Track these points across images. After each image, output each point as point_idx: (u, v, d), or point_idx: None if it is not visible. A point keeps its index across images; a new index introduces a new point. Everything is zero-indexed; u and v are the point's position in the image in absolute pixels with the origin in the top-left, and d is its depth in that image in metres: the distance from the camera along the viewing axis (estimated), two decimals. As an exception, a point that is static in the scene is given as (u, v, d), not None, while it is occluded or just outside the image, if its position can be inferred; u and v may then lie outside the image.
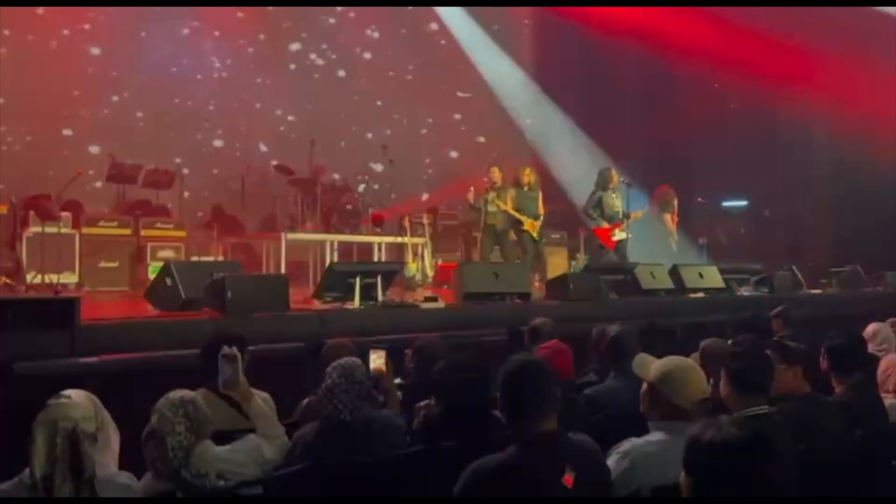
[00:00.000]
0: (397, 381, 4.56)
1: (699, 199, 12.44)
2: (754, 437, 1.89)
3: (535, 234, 10.15)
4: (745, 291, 9.47)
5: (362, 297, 6.76)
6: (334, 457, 3.27)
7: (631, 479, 2.83)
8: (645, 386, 3.11)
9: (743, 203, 14.91)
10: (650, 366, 3.11)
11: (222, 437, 3.30)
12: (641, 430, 3.19)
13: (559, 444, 2.70)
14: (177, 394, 3.17)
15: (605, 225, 10.17)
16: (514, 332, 5.92)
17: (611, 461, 2.91)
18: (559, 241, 13.39)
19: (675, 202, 11.70)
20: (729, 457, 1.88)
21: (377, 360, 3.93)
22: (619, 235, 10.15)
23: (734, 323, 5.91)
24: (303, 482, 3.17)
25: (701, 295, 9.01)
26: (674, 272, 9.13)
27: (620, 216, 10.20)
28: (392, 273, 7.60)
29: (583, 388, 4.55)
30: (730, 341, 4.26)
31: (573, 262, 12.64)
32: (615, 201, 10.25)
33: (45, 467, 2.66)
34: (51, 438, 2.68)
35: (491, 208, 10.21)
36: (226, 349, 3.49)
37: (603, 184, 10.26)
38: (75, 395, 2.88)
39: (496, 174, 10.30)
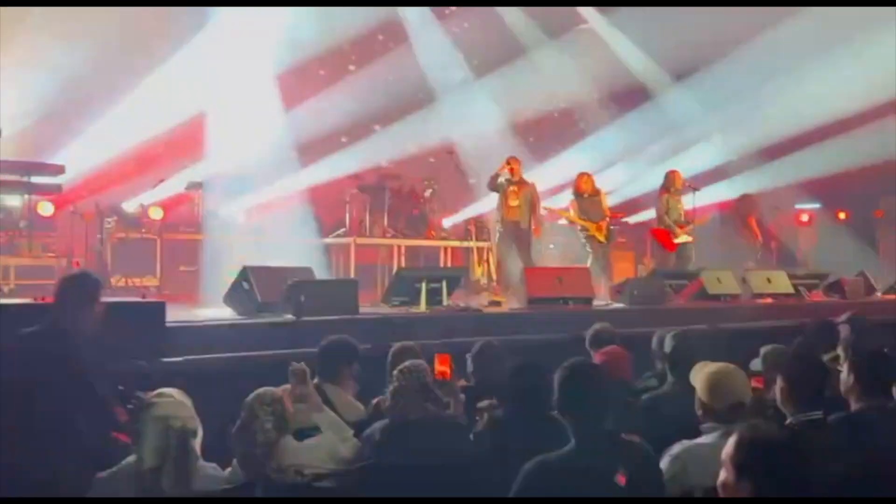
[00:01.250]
0: (461, 383, 4.75)
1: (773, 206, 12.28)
2: (792, 439, 2.01)
3: (601, 237, 10.18)
4: (814, 297, 9.35)
5: (428, 302, 6.97)
6: (400, 456, 3.47)
7: (683, 480, 2.96)
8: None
9: (816, 205, 14.63)
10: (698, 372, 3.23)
11: (301, 434, 3.56)
12: (697, 435, 3.31)
13: (612, 444, 2.84)
14: (266, 391, 3.42)
15: (676, 228, 10.14)
16: (576, 336, 6.03)
17: (663, 463, 3.04)
18: (626, 246, 13.38)
19: (757, 207, 11.63)
20: (767, 457, 2.00)
21: (441, 363, 4.12)
22: (681, 238, 10.12)
23: (800, 329, 5.91)
24: (370, 479, 3.39)
25: (769, 300, 8.94)
26: (741, 277, 9.08)
27: (683, 219, 10.17)
28: (457, 278, 7.80)
29: (642, 392, 4.66)
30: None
31: (640, 267, 12.62)
32: (678, 205, 10.24)
33: (155, 460, 2.92)
34: (162, 434, 2.95)
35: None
36: (294, 365, 3.75)
37: (667, 186, 10.25)
38: (177, 395, 3.16)
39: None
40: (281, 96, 11.40)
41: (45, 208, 9.52)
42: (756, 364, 4.89)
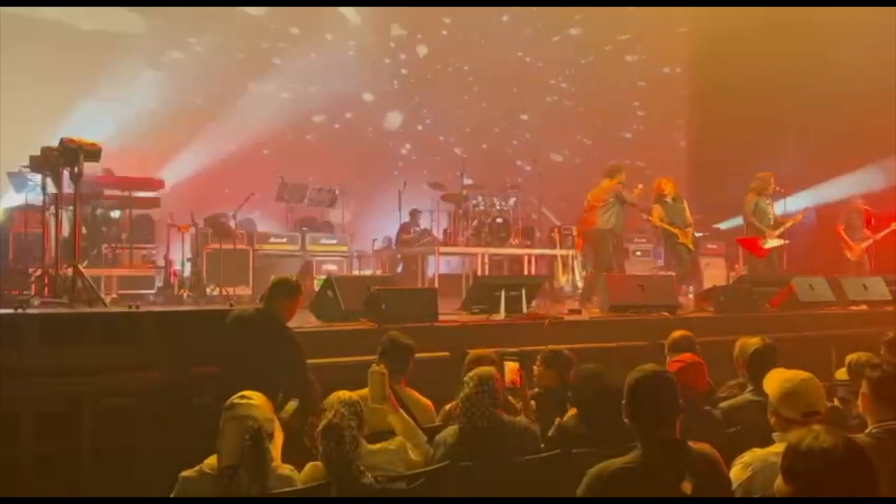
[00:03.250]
0: (535, 390, 4.78)
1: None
2: (847, 445, 1.97)
3: (689, 245, 9.99)
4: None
5: (507, 309, 7.00)
6: (472, 460, 3.53)
7: (751, 488, 2.91)
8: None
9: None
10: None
11: (376, 437, 3.67)
12: (770, 444, 3.25)
13: (679, 452, 2.82)
14: (345, 394, 3.52)
15: (766, 230, 9.84)
16: (656, 344, 5.96)
17: (733, 471, 3.00)
18: (717, 252, 13.06)
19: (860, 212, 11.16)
20: (824, 462, 1.97)
21: (512, 370, 4.16)
22: (771, 242, 9.80)
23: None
24: (442, 481, 3.46)
25: (864, 308, 8.58)
26: (835, 284, 8.76)
27: (773, 223, 9.87)
28: (536, 286, 7.79)
29: (722, 401, 4.57)
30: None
31: (731, 274, 12.29)
32: (769, 208, 9.94)
33: (232, 458, 3.07)
34: (238, 434, 3.09)
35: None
36: (374, 367, 3.85)
37: (758, 189, 9.97)
38: (257, 398, 3.30)
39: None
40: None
41: (146, 221, 9.99)
42: (843, 373, 4.75)
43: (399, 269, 12.01)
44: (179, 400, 4.75)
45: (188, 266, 9.90)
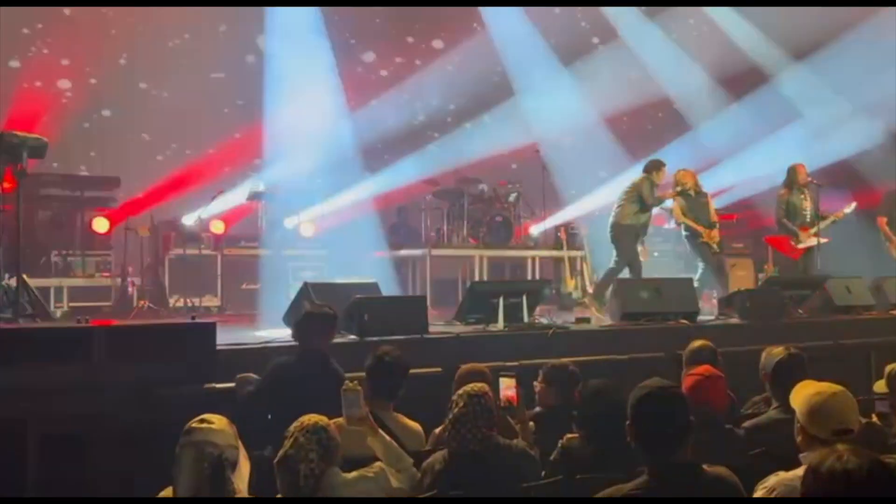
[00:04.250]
0: (536, 409, 4.78)
1: None
2: (874, 467, 1.98)
3: (714, 245, 10.00)
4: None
5: (506, 319, 7.01)
6: (462, 488, 3.53)
7: (775, 516, 2.91)
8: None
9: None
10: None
11: (352, 463, 3.66)
12: (797, 465, 3.25)
13: (691, 477, 2.83)
14: (311, 419, 3.52)
15: (798, 231, 9.85)
16: (673, 356, 5.97)
17: (756, 496, 3.00)
18: (744, 252, 13.08)
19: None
20: (848, 487, 1.97)
21: (508, 386, 4.16)
22: (806, 242, 9.81)
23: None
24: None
25: (908, 312, 8.62)
26: (875, 286, 8.78)
27: (808, 220, 9.88)
28: (539, 291, 7.81)
29: (746, 418, 4.59)
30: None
31: (760, 276, 12.30)
32: (803, 202, 9.95)
33: (189, 490, 3.06)
34: (197, 462, 3.08)
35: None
36: (347, 384, 3.85)
37: (789, 183, 9.98)
38: (218, 422, 3.29)
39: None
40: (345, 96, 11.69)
41: (100, 224, 9.97)
42: (881, 386, 4.76)
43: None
44: (134, 425, 4.75)
45: (149, 275, 9.89)
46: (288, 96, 11.30)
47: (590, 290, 10.89)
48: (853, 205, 10.41)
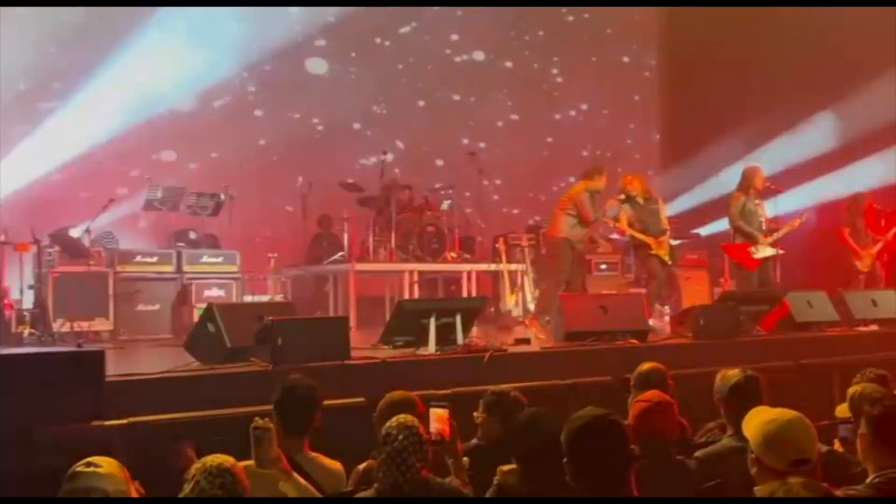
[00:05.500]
0: (473, 441, 4.81)
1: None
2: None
3: (665, 256, 10.18)
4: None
5: (438, 341, 7.03)
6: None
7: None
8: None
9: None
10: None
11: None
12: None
13: (636, 514, 2.88)
14: (215, 460, 3.48)
15: (758, 236, 10.07)
16: (621, 380, 6.05)
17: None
18: (699, 264, 13.32)
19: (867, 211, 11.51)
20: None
21: (439, 418, 4.17)
22: (762, 252, 10.05)
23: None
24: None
25: (874, 328, 8.88)
26: (839, 300, 9.04)
27: (764, 227, 10.13)
28: (475, 310, 7.83)
29: (699, 447, 4.68)
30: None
31: (717, 290, 12.57)
32: (758, 209, 10.20)
33: None
34: None
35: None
36: (257, 421, 3.82)
37: (745, 187, 10.21)
38: (107, 465, 3.24)
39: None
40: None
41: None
42: (843, 410, 4.90)
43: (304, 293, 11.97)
44: (10, 472, 4.62)
45: (29, 295, 9.66)
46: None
47: (532, 307, 10.99)
48: (804, 216, 10.74)
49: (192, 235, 11.41)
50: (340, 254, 11.77)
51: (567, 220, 9.83)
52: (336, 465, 4.55)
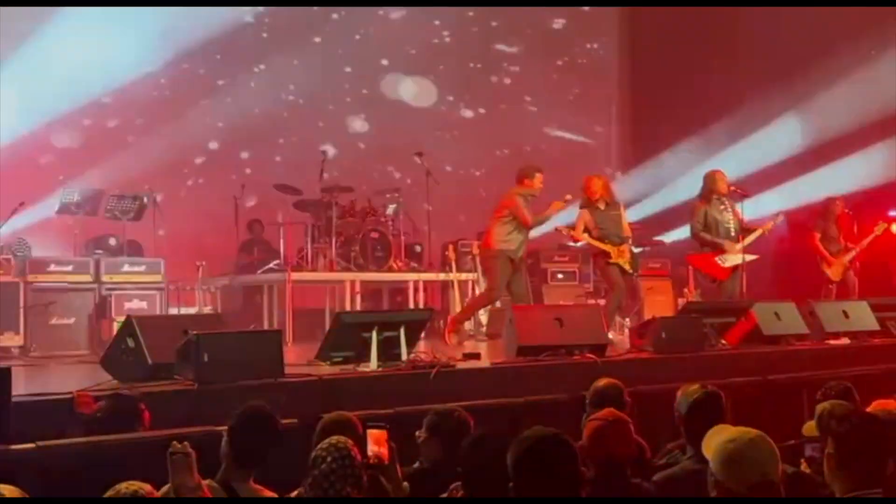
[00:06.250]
0: (415, 465, 4.79)
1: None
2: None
3: (626, 265, 10.23)
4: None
5: (381, 357, 7.00)
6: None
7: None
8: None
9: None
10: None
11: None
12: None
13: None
14: (129, 488, 3.43)
15: (725, 244, 10.17)
16: (577, 398, 6.08)
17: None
18: (662, 273, 13.43)
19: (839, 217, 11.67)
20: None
21: (377, 440, 4.15)
22: (731, 259, 10.16)
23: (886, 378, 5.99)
24: None
25: (845, 341, 9.01)
26: (808, 311, 9.16)
27: (733, 234, 10.24)
28: (421, 322, 7.82)
29: (658, 470, 4.70)
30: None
31: (681, 301, 12.69)
32: (724, 215, 10.30)
33: None
34: None
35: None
36: (175, 446, 3.78)
37: (706, 193, 10.31)
38: (7, 493, 3.17)
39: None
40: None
41: None
42: (811, 428, 4.95)
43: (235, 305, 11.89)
44: None
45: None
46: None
47: (483, 319, 11.02)
48: (780, 216, 10.87)
49: (112, 242, 11.28)
50: (276, 262, 11.71)
51: (502, 228, 9.83)
52: (270, 494, 4.51)
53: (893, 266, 12.88)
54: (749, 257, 10.25)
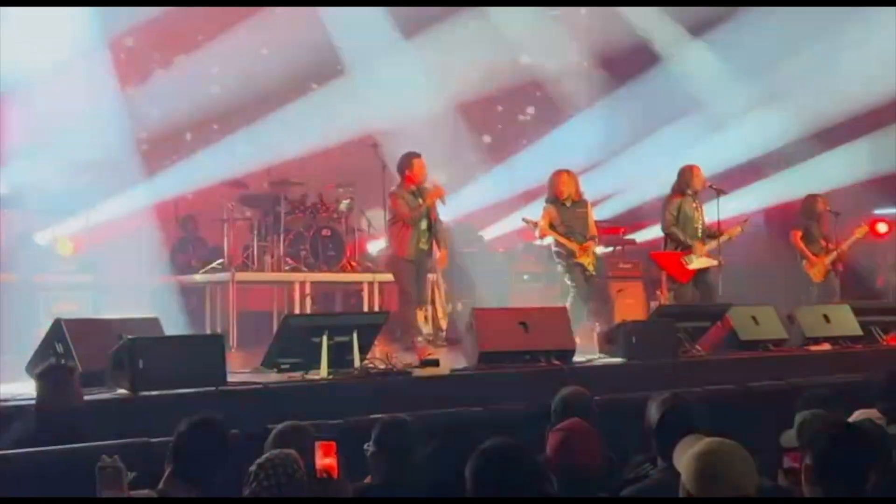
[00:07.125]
0: (366, 480, 4.77)
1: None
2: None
3: (590, 267, 10.26)
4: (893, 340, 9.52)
5: (331, 363, 6.98)
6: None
7: None
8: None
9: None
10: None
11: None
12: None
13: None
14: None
15: (695, 245, 10.24)
16: (541, 407, 6.09)
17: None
18: (633, 274, 13.48)
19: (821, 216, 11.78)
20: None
21: (326, 454, 4.12)
22: (698, 262, 10.23)
23: (867, 385, 6.05)
24: None
25: (826, 347, 9.10)
26: (788, 316, 9.24)
27: (700, 234, 10.31)
28: (375, 327, 7.80)
29: (628, 484, 4.72)
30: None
31: (653, 304, 12.76)
32: (696, 213, 10.37)
33: None
34: None
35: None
36: (104, 460, 3.77)
37: (681, 187, 10.37)
38: None
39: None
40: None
41: None
42: (790, 438, 5.00)
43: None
44: None
45: None
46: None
47: (443, 323, 11.00)
48: (746, 220, 10.98)
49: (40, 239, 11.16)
50: (219, 261, 11.63)
51: (397, 233, 9.94)
52: None
53: (877, 268, 13.08)
54: (712, 262, 10.34)
